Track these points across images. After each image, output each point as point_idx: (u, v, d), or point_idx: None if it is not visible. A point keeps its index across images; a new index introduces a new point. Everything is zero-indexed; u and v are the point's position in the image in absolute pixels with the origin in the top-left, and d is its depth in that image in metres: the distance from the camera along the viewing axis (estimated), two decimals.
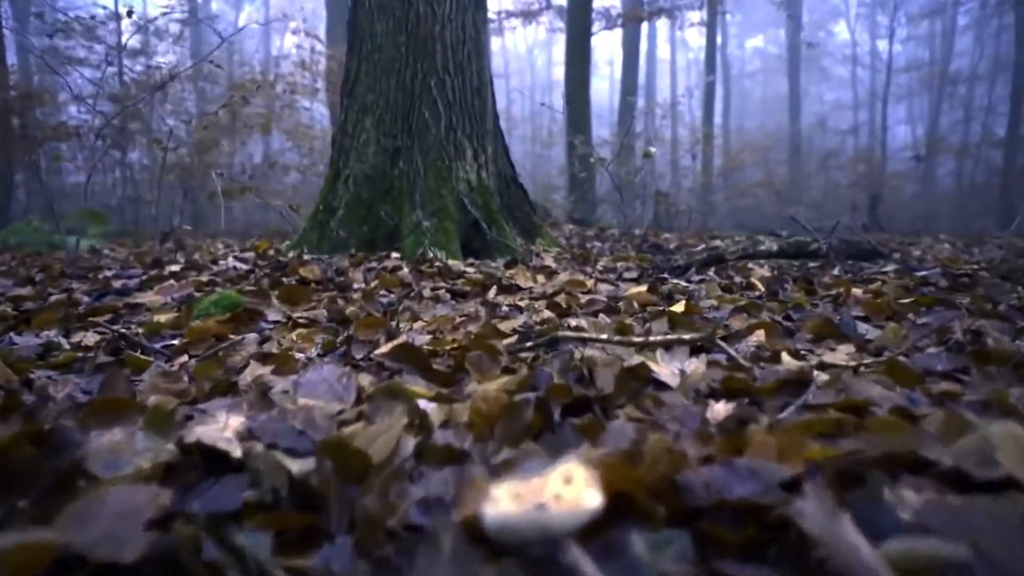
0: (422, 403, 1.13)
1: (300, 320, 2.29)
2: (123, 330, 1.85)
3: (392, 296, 2.66)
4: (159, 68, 11.41)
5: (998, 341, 1.54)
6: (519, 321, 1.95)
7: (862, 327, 1.85)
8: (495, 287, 2.64)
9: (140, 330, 2.06)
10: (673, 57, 28.67)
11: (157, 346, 1.87)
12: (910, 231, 13.18)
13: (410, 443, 0.91)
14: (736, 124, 25.72)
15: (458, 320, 2.07)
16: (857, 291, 2.54)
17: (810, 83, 28.82)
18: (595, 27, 12.85)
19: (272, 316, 2.34)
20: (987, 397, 1.18)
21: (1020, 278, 3.14)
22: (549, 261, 3.31)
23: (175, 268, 3.29)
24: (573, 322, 1.88)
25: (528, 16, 14.70)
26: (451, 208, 3.65)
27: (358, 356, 1.63)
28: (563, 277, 2.80)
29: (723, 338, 1.79)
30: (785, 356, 1.38)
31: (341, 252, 3.60)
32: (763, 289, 2.63)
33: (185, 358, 1.73)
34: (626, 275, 2.94)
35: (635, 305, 2.34)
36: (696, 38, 25.82)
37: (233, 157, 13.10)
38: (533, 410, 1.04)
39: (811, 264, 3.65)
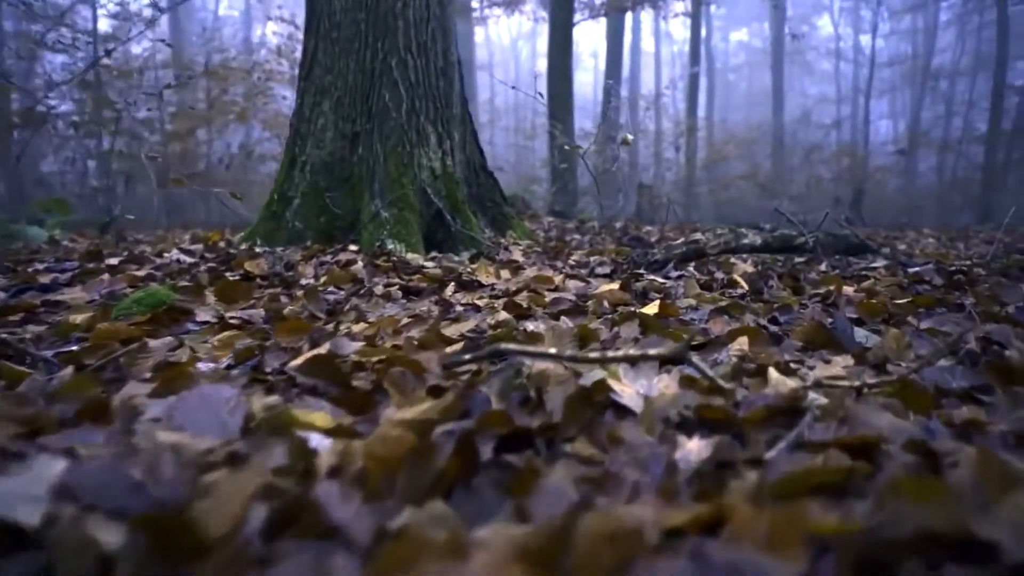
0: (315, 439, 0.88)
1: (232, 321, 2.03)
2: (3, 335, 1.58)
3: (341, 293, 2.41)
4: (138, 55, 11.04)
5: (1021, 353, 1.31)
6: (472, 324, 1.71)
7: (858, 333, 1.61)
8: (454, 284, 2.39)
9: (38, 333, 1.79)
10: (658, 50, 28.40)
11: (48, 353, 1.60)
12: (893, 225, 13.06)
13: (262, 510, 0.66)
14: (720, 117, 25.53)
15: (405, 322, 1.82)
16: (848, 289, 2.32)
17: (794, 77, 28.70)
18: (577, 16, 12.57)
19: (202, 316, 2.07)
20: (1020, 428, 0.95)
21: (1019, 274, 2.93)
22: (517, 255, 3.06)
23: (114, 261, 3.01)
24: (531, 326, 1.63)
25: (510, 5, 14.39)
26: (412, 198, 3.38)
27: (273, 367, 1.38)
28: (529, 273, 2.55)
29: (701, 345, 1.55)
30: (772, 372, 1.14)
31: (297, 244, 3.33)
32: (746, 287, 2.40)
33: (71, 369, 1.47)
34: (599, 270, 2.69)
35: (605, 305, 2.10)
36: (680, 31, 25.60)
37: (211, 146, 12.73)
38: (451, 452, 0.79)
39: (797, 259, 3.42)
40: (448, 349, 1.51)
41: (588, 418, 0.99)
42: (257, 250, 3.18)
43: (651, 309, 1.82)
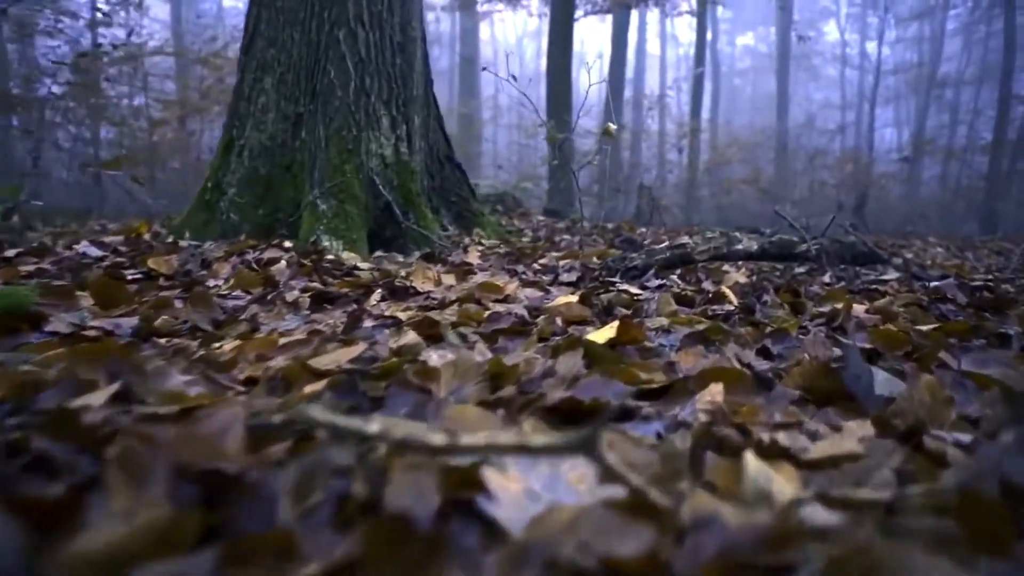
0: None
1: (90, 332, 1.61)
2: None
3: (251, 297, 1.98)
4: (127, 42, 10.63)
5: None
6: (359, 350, 1.27)
7: (876, 376, 1.17)
8: (381, 291, 1.95)
9: None
10: (663, 52, 27.86)
11: None
12: (897, 233, 12.55)
13: None
14: (724, 121, 25.01)
15: (285, 342, 1.39)
16: (859, 309, 1.87)
17: (799, 82, 28.15)
18: (579, 12, 12.11)
19: (54, 325, 1.65)
20: None
21: None
22: (473, 257, 2.63)
23: (11, 253, 2.58)
24: (435, 356, 1.19)
25: (512, 1, 13.93)
26: (357, 188, 2.94)
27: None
28: (479, 279, 2.11)
29: (661, 391, 1.11)
30: (750, 461, 0.70)
31: (232, 239, 2.91)
32: (735, 302, 1.96)
33: None
34: (564, 277, 2.25)
35: (558, 323, 1.66)
36: (687, 33, 25.11)
37: (202, 136, 12.32)
38: None
39: (797, 268, 2.97)
40: (309, 389, 1.08)
41: (418, 554, 0.55)
42: (182, 244, 2.76)
43: (605, 333, 1.38)
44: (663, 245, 2.54)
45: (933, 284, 2.49)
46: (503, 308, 1.80)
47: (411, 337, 1.34)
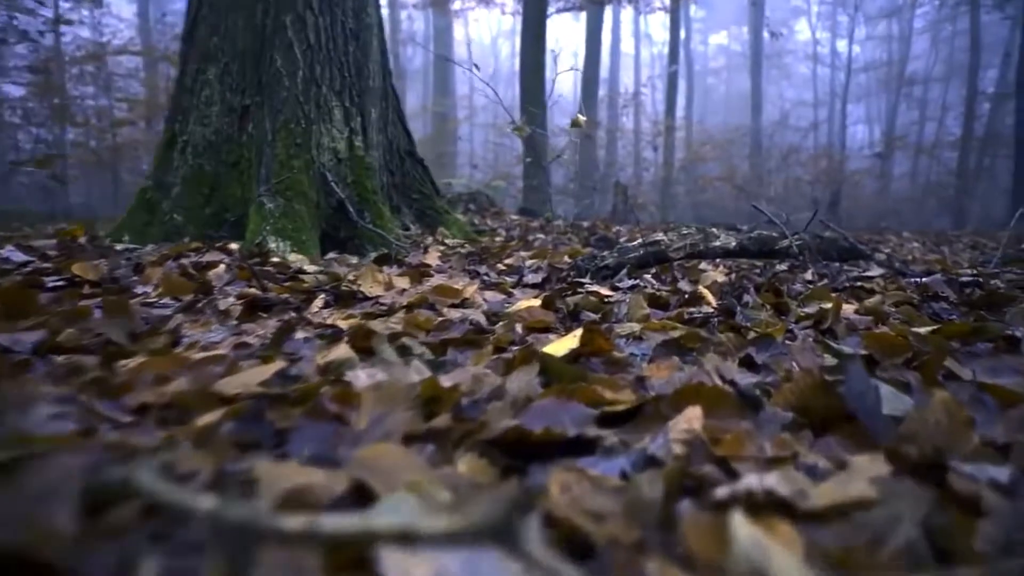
0: None
1: None
2: None
3: (180, 305, 1.77)
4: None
5: None
6: (277, 367, 1.07)
7: (880, 390, 0.99)
8: (324, 296, 1.75)
9: None
10: (637, 51, 27.79)
11: None
12: (871, 228, 12.53)
13: None
14: (699, 119, 25.01)
15: (199, 358, 1.19)
16: (848, 308, 1.71)
17: (771, 81, 28.28)
18: (552, 9, 11.94)
19: None
20: None
21: None
22: (432, 258, 2.43)
23: None
24: (363, 376, 1.00)
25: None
26: (306, 185, 2.72)
27: None
28: (435, 281, 1.92)
29: (629, 415, 0.93)
30: (739, 524, 0.52)
31: (178, 240, 2.68)
32: (714, 304, 1.79)
33: None
34: (529, 279, 2.07)
35: (518, 330, 1.48)
36: (660, 32, 25.08)
37: None
38: None
39: (778, 266, 2.82)
40: (207, 419, 0.89)
41: None
42: (118, 248, 2.54)
43: (566, 343, 1.19)
44: (636, 243, 2.36)
45: (921, 280, 2.34)
46: (458, 314, 1.61)
47: (342, 351, 1.15)
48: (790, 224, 3.32)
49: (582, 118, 2.96)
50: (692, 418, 0.85)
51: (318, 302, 1.70)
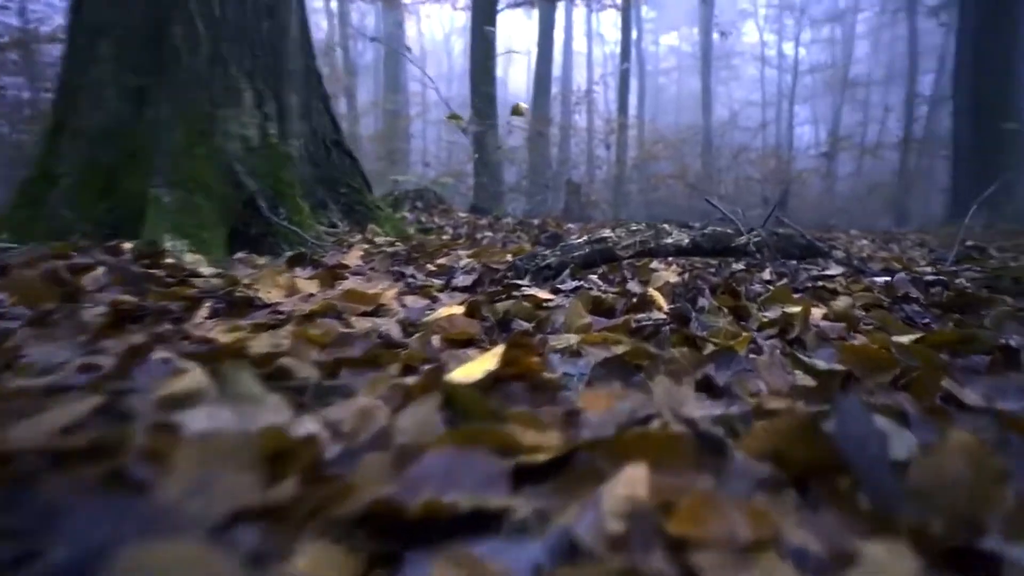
0: None
1: None
2: None
3: (32, 316, 1.47)
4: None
5: None
6: (94, 405, 0.80)
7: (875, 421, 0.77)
8: (215, 303, 1.48)
9: None
10: (589, 50, 27.72)
11: None
12: (819, 226, 12.61)
13: None
14: (651, 119, 25.08)
15: (18, 387, 0.91)
16: (816, 314, 1.50)
17: (721, 81, 28.57)
18: (501, 4, 11.70)
19: None
20: None
21: (1015, 288, 2.19)
22: (353, 258, 2.15)
23: None
24: (199, 417, 0.74)
25: None
26: (210, 177, 2.42)
27: None
28: (349, 285, 1.66)
29: (554, 468, 0.69)
30: None
31: (67, 238, 2.35)
32: (666, 308, 1.57)
33: None
34: (459, 281, 1.82)
35: (435, 344, 1.23)
36: (613, 32, 25.08)
37: None
38: None
39: (733, 265, 2.63)
40: None
41: None
42: None
43: (483, 364, 0.95)
44: (581, 240, 2.14)
45: (884, 280, 2.16)
46: (368, 324, 1.36)
47: (191, 380, 0.88)
48: (745, 220, 3.14)
49: (523, 106, 2.73)
50: (635, 480, 0.61)
51: (203, 311, 1.43)
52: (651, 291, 1.62)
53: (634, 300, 1.54)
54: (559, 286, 1.89)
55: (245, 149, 2.57)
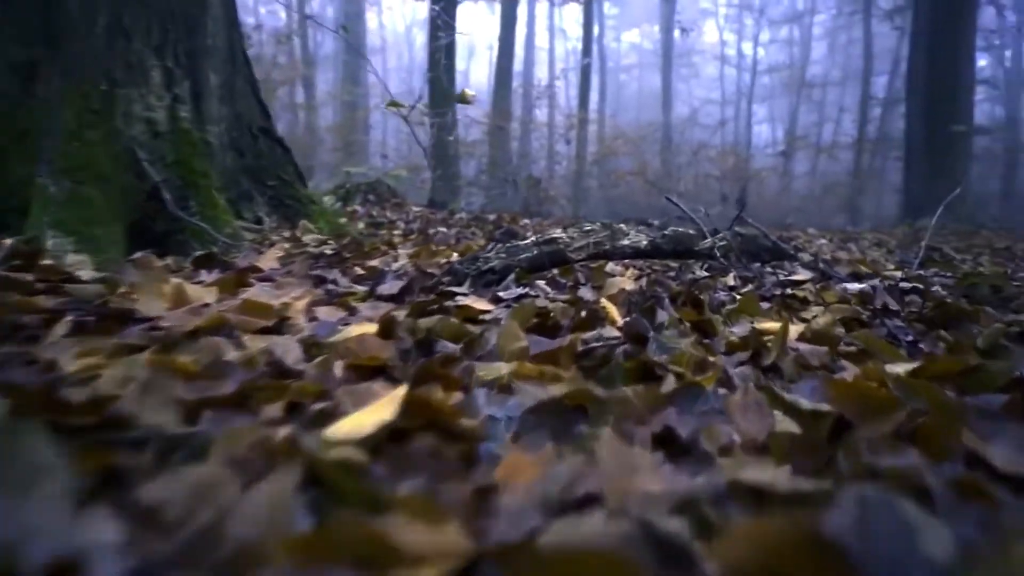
0: None
1: None
2: None
3: None
4: None
5: None
6: None
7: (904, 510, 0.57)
8: (79, 317, 1.22)
9: None
10: (551, 45, 27.53)
11: None
12: (777, 225, 12.64)
13: None
14: (612, 115, 25.04)
15: None
16: (792, 332, 1.30)
17: (681, 79, 28.67)
18: None
19: None
20: None
21: (991, 298, 2.03)
22: (269, 260, 1.88)
23: None
24: None
25: None
26: (105, 164, 2.11)
27: None
28: (251, 293, 1.40)
29: None
30: None
31: None
32: (619, 323, 1.35)
33: None
34: (386, 288, 1.57)
35: (336, 373, 1.00)
36: (575, 28, 24.92)
37: None
38: None
39: (695, 268, 2.43)
40: None
41: None
42: None
43: (376, 414, 0.72)
44: (529, 241, 1.91)
45: (857, 287, 1.99)
46: (261, 345, 1.11)
47: None
48: (707, 220, 2.96)
49: (470, 92, 2.50)
50: None
51: (61, 328, 1.16)
52: (603, 301, 1.41)
53: (583, 314, 1.32)
54: (501, 294, 1.67)
55: (151, 134, 2.26)
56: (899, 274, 2.68)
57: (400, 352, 1.08)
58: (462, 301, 1.44)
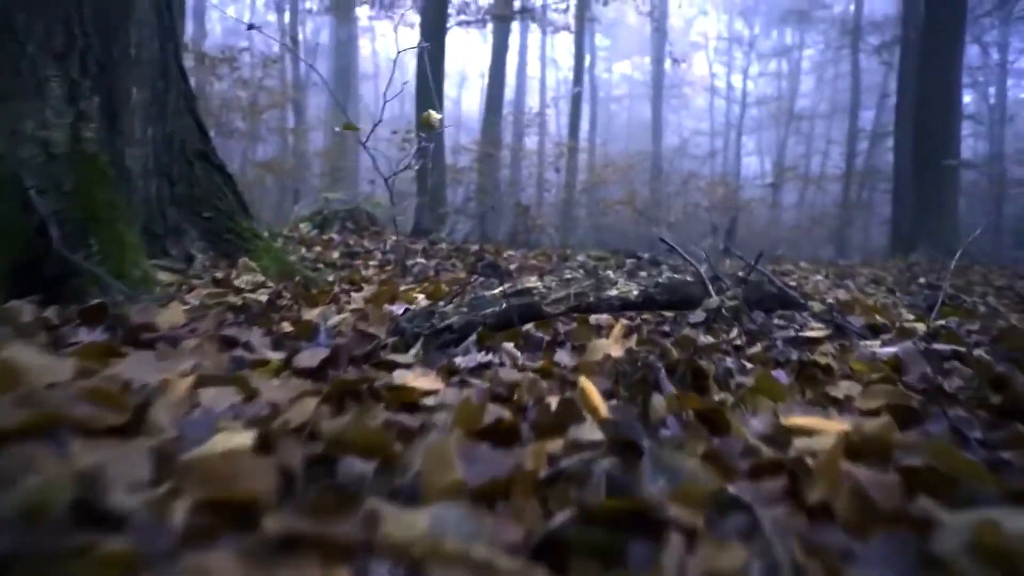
0: None
1: None
2: None
3: None
4: None
5: None
6: None
7: None
8: None
9: None
10: (543, 75, 27.50)
11: None
12: (766, 257, 12.38)
13: None
14: (602, 144, 24.94)
15: None
16: (822, 427, 0.98)
17: (671, 110, 28.70)
18: (450, 22, 11.21)
19: None
20: None
21: None
22: (171, 315, 1.51)
23: None
24: None
25: (384, 7, 12.83)
26: None
27: None
28: (121, 368, 1.06)
29: None
30: None
31: None
32: (603, 411, 1.02)
33: None
34: (306, 358, 1.21)
35: (175, 519, 0.65)
36: (567, 59, 24.89)
37: None
38: None
39: (690, 318, 2.10)
40: None
41: None
42: None
43: None
44: (496, 291, 1.58)
45: (885, 351, 1.66)
46: (93, 457, 0.76)
47: None
48: (706, 259, 2.63)
49: (435, 115, 2.19)
50: None
51: None
52: (584, 385, 1.07)
53: (553, 410, 0.98)
54: (458, 360, 1.33)
55: (45, 156, 1.90)
56: (921, 326, 2.35)
57: (283, 478, 0.74)
58: (400, 378, 1.10)
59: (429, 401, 1.06)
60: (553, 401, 1.05)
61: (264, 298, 1.81)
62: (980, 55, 22.51)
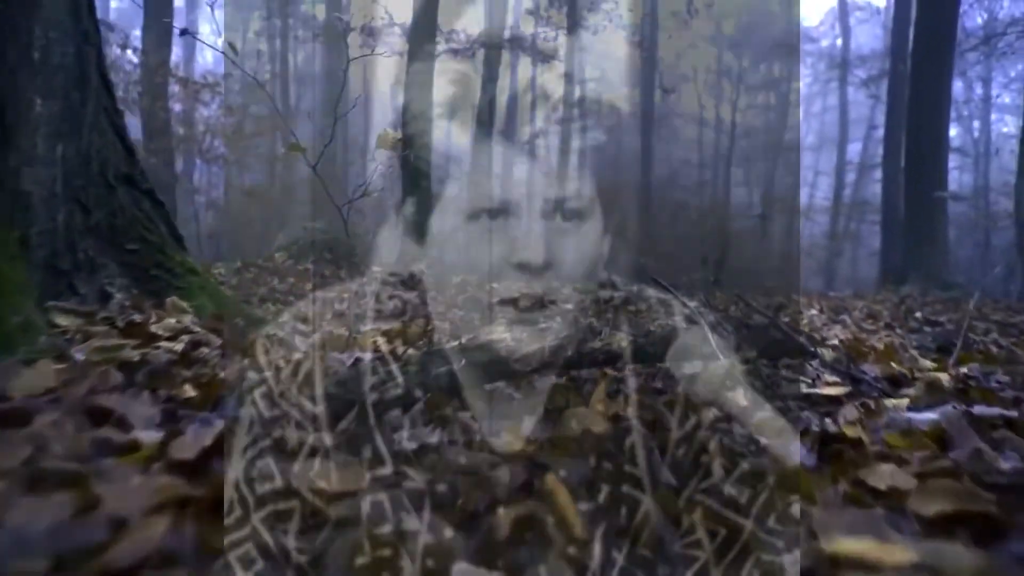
0: None
1: None
2: None
3: None
4: None
5: None
6: None
7: None
8: None
9: None
10: (533, 103, 27.53)
11: None
12: (758, 289, 12.16)
13: None
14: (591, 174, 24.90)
15: None
16: (854, 548, 0.69)
17: (661, 139, 28.75)
18: (438, 50, 11.06)
19: None
20: None
21: None
22: (36, 378, 1.22)
23: None
24: None
25: (372, 34, 12.69)
26: None
27: None
28: None
29: None
30: None
31: None
32: (575, 523, 0.73)
33: None
34: (185, 445, 0.92)
35: None
36: (557, 87, 24.92)
37: None
38: None
39: (686, 370, 1.81)
40: None
41: None
42: None
43: None
44: (455, 343, 1.30)
45: (923, 418, 1.38)
46: None
47: None
48: (682, 287, 2.35)
49: (392, 133, 1.95)
50: None
51: None
52: (551, 485, 0.79)
53: (505, 531, 0.70)
54: (399, 436, 1.04)
55: None
56: (944, 376, 2.08)
57: None
58: (303, 475, 0.81)
59: (338, 510, 0.77)
60: (510, 513, 0.76)
61: (180, 347, 1.52)
62: (964, 89, 22.68)
